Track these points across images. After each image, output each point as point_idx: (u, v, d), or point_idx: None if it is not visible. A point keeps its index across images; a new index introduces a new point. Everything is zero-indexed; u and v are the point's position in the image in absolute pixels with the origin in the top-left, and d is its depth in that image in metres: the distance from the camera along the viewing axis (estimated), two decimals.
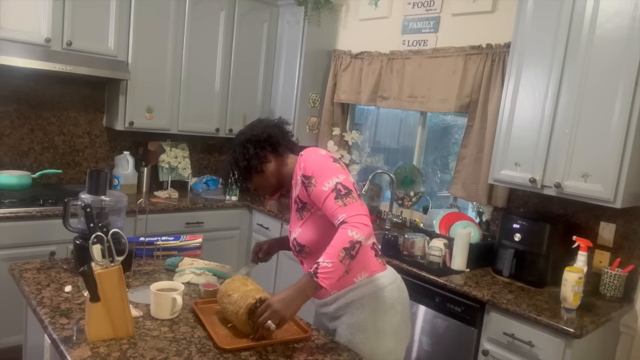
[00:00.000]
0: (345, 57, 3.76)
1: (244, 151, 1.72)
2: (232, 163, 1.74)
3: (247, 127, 1.80)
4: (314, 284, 1.46)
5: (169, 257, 2.14)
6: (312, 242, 1.68)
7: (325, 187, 1.57)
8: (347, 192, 1.56)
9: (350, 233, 1.48)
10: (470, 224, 2.85)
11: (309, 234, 1.68)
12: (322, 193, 1.57)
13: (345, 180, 1.59)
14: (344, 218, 1.52)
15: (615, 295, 2.35)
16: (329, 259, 1.47)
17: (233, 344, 1.47)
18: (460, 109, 3.03)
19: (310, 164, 1.63)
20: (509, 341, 2.18)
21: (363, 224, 1.50)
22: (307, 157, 1.67)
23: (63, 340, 1.40)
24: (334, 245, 1.48)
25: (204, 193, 3.87)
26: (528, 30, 2.46)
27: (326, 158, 1.65)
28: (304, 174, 1.63)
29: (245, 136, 1.74)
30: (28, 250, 2.76)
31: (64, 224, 1.96)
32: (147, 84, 3.41)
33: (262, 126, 1.77)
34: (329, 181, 1.57)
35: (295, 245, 1.73)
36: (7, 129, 3.22)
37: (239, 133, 1.79)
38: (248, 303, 1.49)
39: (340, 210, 1.53)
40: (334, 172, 1.60)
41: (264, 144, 1.73)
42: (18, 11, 2.84)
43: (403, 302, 1.78)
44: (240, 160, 1.71)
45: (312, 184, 1.60)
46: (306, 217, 1.69)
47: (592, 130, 2.23)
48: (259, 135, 1.73)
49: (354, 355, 1.55)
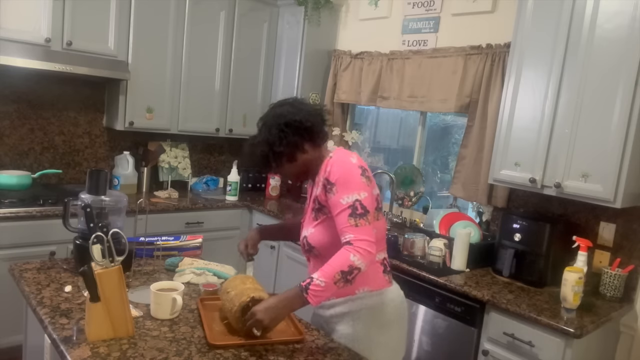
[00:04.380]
0: (345, 57, 3.76)
1: (281, 135, 1.59)
2: (264, 145, 1.61)
3: (287, 107, 1.65)
4: (303, 299, 1.46)
5: (169, 257, 2.14)
6: (323, 245, 1.64)
7: (343, 201, 1.52)
8: (363, 212, 1.51)
9: (352, 258, 1.46)
10: (470, 224, 2.85)
11: (321, 236, 1.64)
12: (338, 205, 1.53)
13: (365, 199, 1.53)
14: (350, 239, 1.49)
15: (615, 295, 2.35)
16: (323, 278, 1.45)
17: (224, 340, 1.49)
18: (460, 109, 3.03)
19: (336, 170, 1.56)
20: (509, 341, 2.18)
21: (367, 251, 1.48)
22: (335, 161, 1.59)
23: (63, 340, 1.40)
24: (333, 265, 1.47)
25: (204, 193, 3.87)
26: (528, 30, 2.46)
27: (354, 168, 1.57)
28: (328, 178, 1.56)
29: (284, 119, 1.60)
30: (28, 250, 2.76)
31: (64, 224, 1.96)
32: (147, 84, 3.41)
33: (305, 112, 1.64)
34: (349, 195, 1.52)
35: (305, 244, 1.70)
36: (7, 129, 3.22)
37: (277, 112, 1.64)
38: (242, 301, 1.51)
39: (349, 230, 1.50)
40: (357, 188, 1.53)
41: (304, 132, 1.61)
42: (18, 11, 2.84)
43: (401, 321, 1.76)
44: (276, 144, 1.60)
45: (333, 191, 1.54)
46: (321, 219, 1.64)
47: (592, 130, 2.23)
48: (301, 122, 1.61)
49: (354, 355, 1.55)
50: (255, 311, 1.47)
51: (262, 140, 1.62)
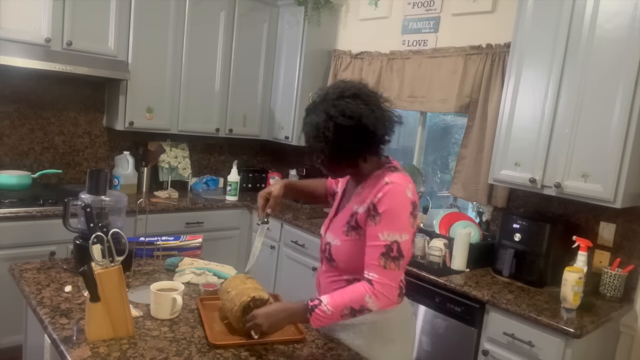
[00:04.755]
0: (345, 57, 3.76)
1: (341, 134, 1.42)
2: (317, 137, 1.44)
3: (361, 104, 1.44)
4: (305, 317, 1.44)
5: (169, 257, 2.14)
6: (345, 262, 1.56)
7: (382, 236, 1.42)
8: (397, 256, 1.42)
9: (367, 299, 1.41)
10: (470, 224, 2.85)
11: (346, 254, 1.55)
12: (375, 238, 1.43)
13: (405, 243, 1.43)
14: (373, 279, 1.42)
15: (615, 295, 2.35)
16: (331, 307, 1.41)
17: (224, 340, 1.49)
18: (460, 109, 3.03)
19: (387, 201, 1.43)
20: (509, 341, 2.18)
21: (386, 297, 1.42)
22: (390, 190, 1.45)
23: (63, 340, 1.40)
24: (345, 299, 1.42)
25: (204, 193, 3.87)
26: (528, 30, 2.46)
27: (407, 205, 1.45)
28: (376, 205, 1.44)
29: (352, 121, 1.42)
30: (28, 250, 2.76)
31: (64, 224, 1.96)
32: (147, 84, 3.41)
33: (377, 115, 1.45)
34: (390, 233, 1.42)
35: (327, 252, 1.62)
36: (7, 129, 3.22)
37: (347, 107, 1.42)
38: (242, 301, 1.51)
39: (376, 269, 1.42)
40: (401, 228, 1.43)
41: (369, 139, 1.45)
42: (18, 11, 2.84)
43: (407, 337, 1.69)
44: (332, 142, 1.43)
45: (376, 221, 1.44)
46: (352, 237, 1.53)
47: (592, 130, 2.23)
48: (366, 126, 1.43)
49: (354, 355, 1.55)
50: (256, 314, 1.47)
51: (315, 132, 1.45)
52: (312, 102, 1.51)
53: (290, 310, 1.48)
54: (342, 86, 1.49)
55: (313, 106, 1.49)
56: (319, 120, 1.43)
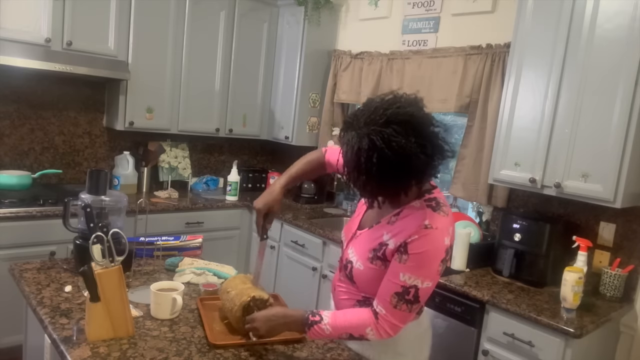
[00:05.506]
0: (345, 57, 3.76)
1: (384, 168, 1.26)
2: (356, 164, 1.29)
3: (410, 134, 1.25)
4: (302, 330, 1.44)
5: (169, 257, 2.14)
6: (365, 285, 1.50)
7: (402, 277, 1.35)
8: (412, 301, 1.36)
9: (368, 331, 1.38)
10: (470, 224, 2.84)
11: (367, 279, 1.48)
12: (395, 275, 1.36)
13: (424, 289, 1.36)
14: (381, 314, 1.37)
15: (615, 295, 2.35)
16: (331, 327, 1.40)
17: (224, 340, 1.49)
18: (460, 109, 3.03)
19: (421, 246, 1.34)
20: (509, 341, 2.18)
21: (387, 333, 1.38)
22: (427, 236, 1.34)
23: (63, 340, 1.40)
24: (346, 323, 1.40)
25: (204, 193, 3.87)
26: (528, 30, 2.46)
27: (440, 254, 1.35)
28: (407, 245, 1.35)
29: (399, 158, 1.25)
30: (28, 250, 2.76)
31: (64, 224, 1.96)
32: (147, 84, 3.41)
33: (429, 153, 1.29)
34: (411, 276, 1.34)
35: (348, 271, 1.53)
36: (7, 129, 3.22)
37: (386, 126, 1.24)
38: (242, 301, 1.51)
39: (385, 305, 1.37)
40: (426, 275, 1.35)
41: (414, 177, 1.32)
42: (18, 11, 2.84)
43: (418, 354, 1.62)
44: (373, 174, 1.27)
45: (402, 260, 1.35)
46: (376, 266, 1.45)
47: (592, 130, 2.23)
48: (416, 167, 1.28)
49: (354, 355, 1.55)
50: (255, 317, 1.47)
51: (357, 162, 1.28)
52: (354, 113, 1.34)
53: (290, 318, 1.47)
54: (392, 106, 1.28)
55: (355, 120, 1.31)
56: (361, 145, 1.26)
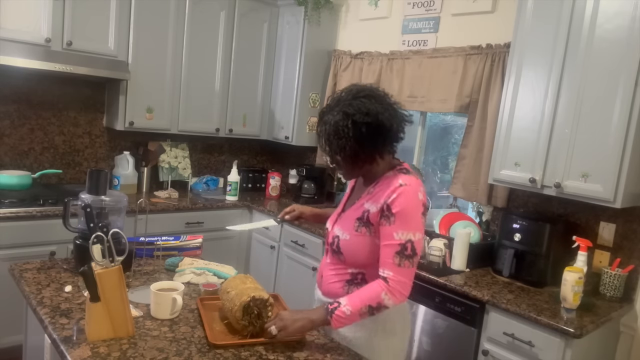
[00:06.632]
0: (345, 57, 3.76)
1: (360, 131, 1.48)
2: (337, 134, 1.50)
3: (375, 103, 1.52)
4: (327, 321, 1.51)
5: (169, 257, 2.14)
6: (352, 255, 1.63)
7: (396, 236, 1.50)
8: (411, 255, 1.50)
9: (383, 296, 1.49)
10: (470, 224, 2.85)
11: (354, 247, 1.62)
12: (390, 237, 1.51)
13: (418, 241, 1.52)
14: (388, 277, 1.50)
15: (615, 295, 2.35)
16: (350, 307, 1.49)
17: (225, 340, 1.49)
18: (460, 109, 3.03)
19: (401, 202, 1.51)
20: (509, 341, 2.18)
21: (401, 293, 1.50)
22: (404, 192, 1.52)
23: (63, 340, 1.40)
24: (362, 298, 1.50)
25: (204, 193, 3.87)
26: (528, 31, 2.46)
27: (419, 206, 1.54)
28: (390, 206, 1.52)
29: (369, 118, 1.49)
30: (28, 250, 2.76)
31: (64, 224, 1.96)
32: (147, 84, 3.41)
33: (392, 113, 1.54)
34: (404, 232, 1.50)
35: (335, 245, 1.67)
36: (7, 129, 3.22)
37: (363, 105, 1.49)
38: (242, 301, 1.51)
39: (391, 267, 1.50)
40: (415, 227, 1.51)
41: (385, 135, 1.52)
42: (18, 11, 2.84)
43: (404, 331, 1.75)
44: (352, 138, 1.48)
45: (390, 221, 1.51)
46: (361, 233, 1.60)
47: (592, 130, 2.23)
48: (383, 122, 1.50)
49: (354, 355, 1.55)
50: (283, 316, 1.52)
51: (334, 125, 1.51)
52: (326, 105, 1.59)
53: (313, 313, 1.54)
54: (355, 89, 1.57)
55: (328, 109, 1.56)
56: (337, 119, 1.50)
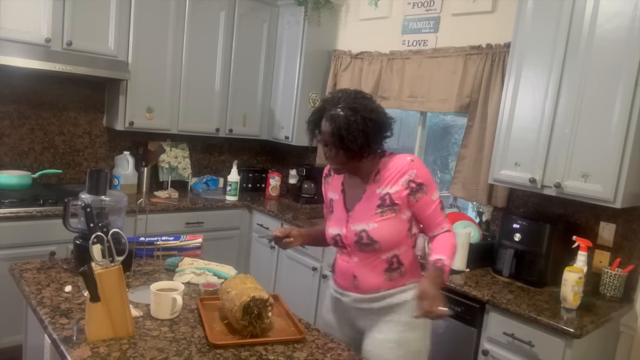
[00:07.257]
0: (345, 57, 3.76)
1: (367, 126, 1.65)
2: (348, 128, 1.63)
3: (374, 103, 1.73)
4: (442, 279, 1.64)
5: (169, 257, 2.14)
6: (386, 239, 1.72)
7: (434, 197, 1.74)
8: (443, 206, 1.78)
9: (454, 241, 1.74)
10: (470, 224, 2.84)
11: (386, 231, 1.71)
12: (431, 202, 1.73)
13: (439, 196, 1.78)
14: (449, 228, 1.77)
15: (615, 295, 2.35)
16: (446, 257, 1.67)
17: (225, 340, 1.49)
18: (460, 109, 3.03)
19: (422, 173, 1.72)
20: (509, 341, 2.18)
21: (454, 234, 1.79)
22: (418, 165, 1.73)
23: (63, 340, 1.40)
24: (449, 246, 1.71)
25: (204, 193, 3.87)
26: (528, 31, 2.46)
27: (430, 173, 1.78)
28: (416, 181, 1.70)
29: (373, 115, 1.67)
30: (28, 250, 2.76)
31: (64, 224, 1.96)
32: (147, 84, 3.41)
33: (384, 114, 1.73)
34: (434, 193, 1.74)
35: (364, 238, 1.73)
36: (7, 129, 3.22)
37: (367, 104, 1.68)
38: (242, 301, 1.51)
39: (444, 221, 1.76)
40: (436, 187, 1.77)
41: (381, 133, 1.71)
42: (18, 11, 2.84)
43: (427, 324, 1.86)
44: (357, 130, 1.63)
45: (424, 191, 1.71)
46: (388, 216, 1.72)
47: (592, 130, 2.23)
48: (383, 121, 1.71)
49: (354, 355, 1.55)
50: (425, 289, 1.55)
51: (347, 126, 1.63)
52: (320, 104, 1.74)
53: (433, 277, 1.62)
54: (350, 90, 1.74)
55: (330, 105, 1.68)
56: (348, 114, 1.64)
